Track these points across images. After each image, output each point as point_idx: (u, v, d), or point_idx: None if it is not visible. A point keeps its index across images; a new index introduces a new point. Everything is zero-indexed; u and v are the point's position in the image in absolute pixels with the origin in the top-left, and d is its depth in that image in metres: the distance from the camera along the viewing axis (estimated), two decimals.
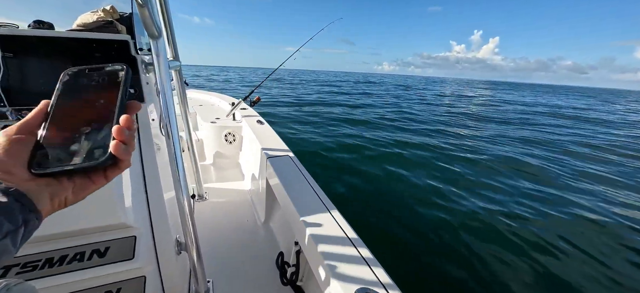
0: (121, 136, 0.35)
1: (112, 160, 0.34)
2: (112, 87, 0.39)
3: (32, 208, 0.31)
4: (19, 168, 0.32)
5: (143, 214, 0.95)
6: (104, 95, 0.38)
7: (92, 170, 0.34)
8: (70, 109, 0.37)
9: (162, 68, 0.93)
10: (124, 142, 0.35)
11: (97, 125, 0.36)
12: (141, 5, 0.78)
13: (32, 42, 0.86)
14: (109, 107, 0.37)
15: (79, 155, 0.34)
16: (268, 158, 1.67)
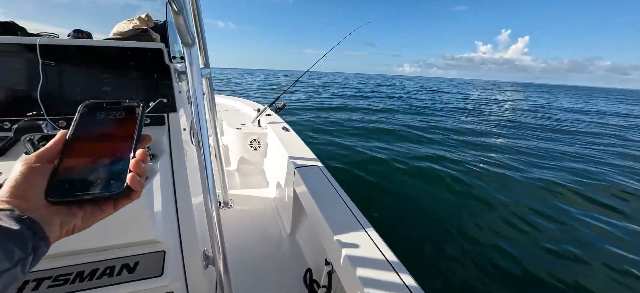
0: (138, 169, 0.37)
1: (127, 192, 0.36)
2: (128, 121, 0.41)
3: (42, 236, 0.31)
4: (35, 196, 0.33)
5: (172, 227, 0.92)
6: (121, 129, 0.40)
7: (106, 200, 0.36)
8: (87, 141, 0.38)
9: (194, 76, 0.90)
10: (139, 174, 0.37)
11: (114, 157, 0.37)
12: (176, 13, 0.75)
13: (70, 50, 0.87)
14: (125, 141, 0.39)
15: (96, 185, 0.35)
16: (296, 168, 1.61)
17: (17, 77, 0.83)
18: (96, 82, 0.89)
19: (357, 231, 1.07)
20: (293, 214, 1.72)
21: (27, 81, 0.83)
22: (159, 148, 0.90)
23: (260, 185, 2.42)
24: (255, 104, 3.53)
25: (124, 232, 0.76)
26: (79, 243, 0.74)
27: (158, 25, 1.04)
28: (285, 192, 1.86)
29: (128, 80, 0.92)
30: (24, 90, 0.83)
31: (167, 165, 0.92)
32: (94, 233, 0.72)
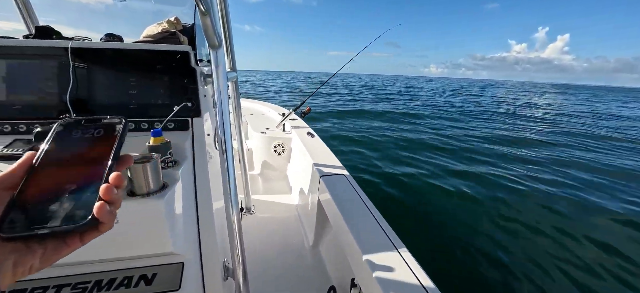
0: (108, 196, 0.32)
1: (93, 223, 0.31)
2: (107, 140, 0.36)
3: None
4: None
5: (192, 238, 0.89)
6: (97, 150, 0.35)
7: (69, 234, 0.31)
8: (57, 163, 0.34)
9: (220, 80, 0.87)
10: (110, 202, 0.32)
11: (84, 182, 0.32)
12: (204, 13, 0.71)
13: (99, 53, 0.87)
14: (100, 163, 0.34)
15: (58, 217, 0.30)
16: (321, 177, 1.53)
17: (49, 79, 0.84)
18: (123, 85, 0.88)
19: (390, 252, 0.96)
20: (316, 225, 1.65)
21: (59, 84, 0.84)
22: (181, 154, 0.87)
23: (284, 191, 2.38)
24: (281, 108, 3.52)
25: (141, 244, 0.73)
26: (96, 254, 0.72)
27: (186, 28, 1.03)
28: (308, 200, 1.79)
29: (154, 83, 0.90)
30: (55, 93, 0.84)
31: (189, 172, 0.89)
32: (111, 243, 0.70)
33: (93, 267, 0.74)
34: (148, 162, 0.66)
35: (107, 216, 0.32)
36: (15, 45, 0.84)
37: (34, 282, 0.71)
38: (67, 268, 0.72)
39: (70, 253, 0.32)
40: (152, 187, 0.68)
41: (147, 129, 0.89)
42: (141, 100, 0.89)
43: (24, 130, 0.81)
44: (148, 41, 0.95)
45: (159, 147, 0.76)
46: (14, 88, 0.82)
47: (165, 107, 0.90)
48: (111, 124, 0.38)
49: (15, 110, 0.82)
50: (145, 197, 0.67)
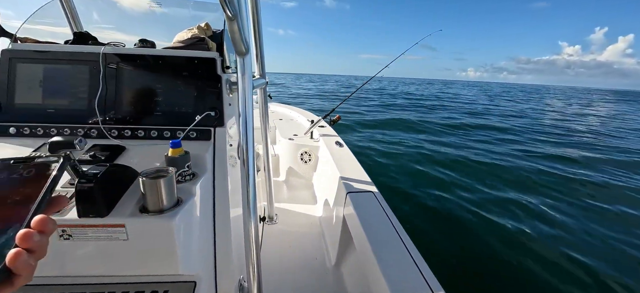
0: (27, 242, 0.28)
1: (5, 275, 0.27)
2: (38, 181, 0.33)
3: None
4: None
5: (208, 255, 0.84)
6: (25, 191, 0.32)
7: None
8: None
9: (246, 88, 0.82)
10: (29, 250, 0.28)
11: (3, 226, 0.29)
12: (230, 19, 0.66)
13: (130, 60, 0.87)
14: (24, 205, 0.31)
15: None
16: (348, 193, 1.43)
17: (82, 85, 0.85)
18: (150, 92, 0.87)
19: (418, 284, 0.84)
20: (340, 243, 1.55)
21: (90, 90, 0.85)
22: (201, 166, 0.83)
23: (308, 200, 2.31)
24: (310, 114, 3.48)
25: (150, 264, 0.69)
26: (109, 269, 0.69)
27: (216, 34, 1.00)
28: (333, 214, 1.70)
29: (179, 91, 0.88)
30: (85, 98, 0.85)
31: (208, 184, 0.84)
32: (121, 259, 0.68)
33: (104, 279, 0.73)
34: (162, 177, 0.62)
35: (22, 266, 0.27)
36: (51, 50, 0.86)
37: (50, 289, 0.71)
38: (78, 278, 0.71)
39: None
40: (165, 204, 0.64)
41: (169, 138, 0.86)
42: (166, 107, 0.87)
43: (54, 134, 0.83)
44: (176, 47, 0.94)
45: (177, 159, 0.72)
46: (49, 92, 0.85)
47: (189, 116, 0.87)
48: (46, 163, 0.35)
49: (49, 114, 0.84)
50: (157, 214, 0.63)
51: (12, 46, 0.88)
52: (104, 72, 0.84)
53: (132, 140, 0.85)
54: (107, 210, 0.62)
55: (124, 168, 0.69)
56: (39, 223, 0.30)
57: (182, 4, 1.24)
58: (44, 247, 0.30)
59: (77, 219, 0.61)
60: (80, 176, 0.61)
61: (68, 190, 0.67)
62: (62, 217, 0.61)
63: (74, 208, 0.62)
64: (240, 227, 1.01)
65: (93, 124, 0.84)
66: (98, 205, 0.60)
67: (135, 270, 0.70)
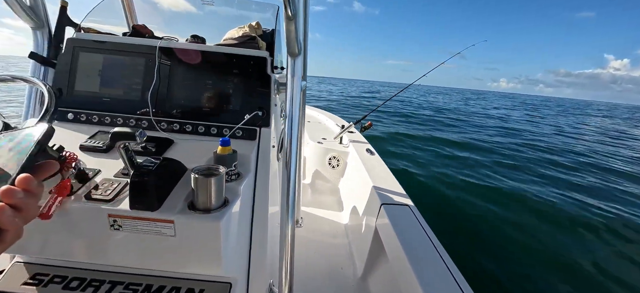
0: (8, 198, 0.30)
1: None
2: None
3: None
4: None
5: (243, 258, 0.83)
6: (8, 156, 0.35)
7: None
8: None
9: (295, 89, 0.80)
10: (13, 206, 0.30)
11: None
12: (290, 18, 0.64)
13: (183, 54, 0.87)
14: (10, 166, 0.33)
15: None
16: (383, 204, 1.37)
17: (136, 76, 0.87)
18: (200, 87, 0.87)
19: None
20: (369, 254, 1.48)
21: (144, 81, 0.86)
22: (245, 166, 0.81)
23: (333, 207, 2.26)
24: (339, 119, 3.44)
25: (193, 262, 0.68)
26: (150, 263, 0.69)
27: (266, 34, 1.00)
28: (362, 224, 1.64)
29: (228, 88, 0.88)
30: (139, 90, 0.86)
31: (250, 186, 0.83)
32: (164, 255, 0.68)
33: (144, 271, 0.73)
34: (213, 176, 0.60)
35: (6, 220, 0.29)
36: (110, 41, 0.89)
37: (94, 274, 0.72)
38: (121, 268, 0.73)
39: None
40: (213, 203, 0.62)
41: (216, 135, 0.86)
42: (214, 104, 0.87)
43: (108, 122, 0.86)
44: (228, 44, 0.94)
45: (225, 157, 0.71)
46: (105, 81, 0.87)
47: (236, 114, 0.86)
48: (29, 133, 0.38)
49: (104, 102, 0.86)
50: (205, 213, 0.62)
51: (76, 35, 0.92)
52: (158, 65, 0.85)
53: (180, 134, 0.86)
54: (158, 204, 0.61)
55: (174, 162, 0.69)
56: (22, 182, 0.31)
57: (230, 2, 1.26)
58: (30, 207, 0.32)
59: (129, 211, 0.61)
60: (136, 168, 0.61)
61: (121, 180, 0.68)
62: (114, 207, 0.61)
63: (126, 200, 0.62)
64: (273, 229, 0.99)
65: (144, 115, 0.86)
66: (150, 198, 0.60)
67: (177, 267, 0.70)
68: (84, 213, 0.62)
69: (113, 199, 0.63)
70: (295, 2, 0.64)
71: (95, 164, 0.73)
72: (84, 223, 0.63)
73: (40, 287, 0.69)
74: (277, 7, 1.13)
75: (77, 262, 0.73)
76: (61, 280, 0.71)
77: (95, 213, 0.62)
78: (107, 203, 0.62)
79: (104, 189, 0.65)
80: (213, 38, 1.00)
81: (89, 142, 0.77)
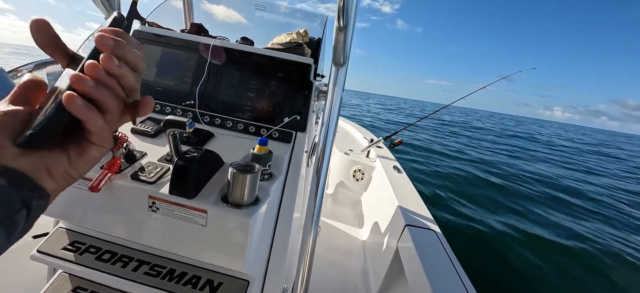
0: (79, 84, 0.28)
1: (62, 116, 0.28)
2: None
3: (32, 186, 0.28)
4: (9, 143, 0.28)
5: (263, 258, 0.84)
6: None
7: (49, 132, 0.29)
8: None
9: (335, 98, 0.81)
10: (83, 93, 0.28)
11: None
12: (340, 29, 0.66)
13: (234, 54, 0.92)
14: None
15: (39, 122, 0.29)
16: (407, 225, 1.32)
17: (188, 70, 0.93)
18: (245, 87, 0.91)
19: None
20: (387, 275, 1.43)
21: (194, 76, 0.92)
22: (278, 168, 0.83)
23: (353, 221, 2.22)
24: (368, 133, 3.40)
25: (218, 255, 0.70)
26: (176, 247, 0.72)
27: (312, 41, 1.02)
28: (383, 243, 1.59)
29: (271, 90, 0.91)
30: (189, 83, 0.92)
31: (279, 188, 0.84)
32: (192, 242, 0.71)
33: (170, 255, 0.77)
34: (249, 173, 0.62)
35: (77, 108, 0.27)
36: (169, 35, 0.97)
37: (125, 250, 0.77)
38: (149, 249, 0.77)
39: (93, 160, 0.33)
40: (245, 199, 0.64)
41: (254, 133, 0.89)
42: (256, 104, 0.90)
43: (158, 110, 0.92)
44: (276, 48, 0.98)
45: (261, 156, 0.73)
46: (161, 72, 0.94)
47: (275, 115, 0.89)
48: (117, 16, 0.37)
49: (157, 91, 0.93)
50: (237, 208, 0.63)
51: (141, 28, 1.01)
52: (209, 61, 0.91)
53: (220, 129, 0.90)
54: (195, 192, 0.64)
55: (214, 155, 0.72)
56: (91, 68, 0.28)
57: (281, 10, 1.31)
58: (101, 93, 0.29)
59: (168, 195, 0.64)
60: (180, 155, 0.65)
61: (163, 165, 0.72)
62: (155, 189, 0.65)
63: (166, 184, 0.66)
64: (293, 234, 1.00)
65: (189, 106, 0.91)
66: (189, 186, 0.63)
67: (202, 256, 0.72)
68: (127, 191, 0.67)
69: (155, 182, 0.67)
70: (348, 13, 0.65)
71: (142, 147, 0.78)
72: (126, 201, 0.68)
73: (77, 254, 0.75)
74: (325, 17, 1.16)
75: (112, 236, 0.79)
76: (95, 251, 0.76)
77: (137, 192, 0.66)
78: (150, 185, 0.66)
79: (148, 172, 0.69)
80: (261, 41, 1.05)
81: (139, 126, 0.83)
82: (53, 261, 0.73)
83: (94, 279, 0.74)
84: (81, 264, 0.73)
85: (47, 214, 0.75)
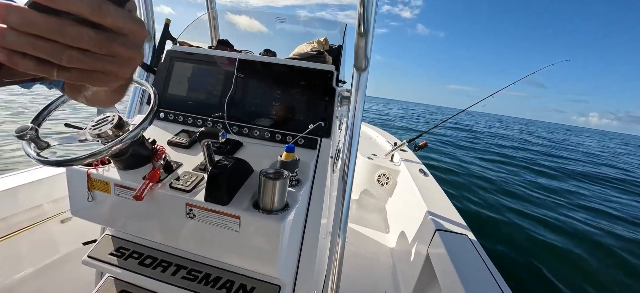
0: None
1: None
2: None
3: None
4: None
5: (292, 264, 0.85)
6: None
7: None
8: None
9: (358, 103, 0.81)
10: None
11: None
12: (361, 35, 0.67)
13: (258, 66, 0.96)
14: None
15: None
16: (437, 230, 1.27)
17: (217, 84, 0.98)
18: (270, 96, 0.95)
19: None
20: (418, 282, 1.38)
21: (222, 89, 0.97)
22: (305, 174, 0.84)
23: (378, 226, 2.18)
24: (391, 137, 3.35)
25: (251, 259, 0.72)
26: (212, 252, 0.76)
27: (332, 49, 1.04)
28: (412, 250, 1.54)
29: (295, 98, 0.94)
30: (218, 96, 0.97)
31: (306, 194, 0.85)
32: (227, 248, 0.74)
33: (205, 260, 0.81)
34: (279, 179, 0.64)
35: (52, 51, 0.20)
36: (199, 53, 1.03)
37: (164, 255, 0.82)
38: (186, 254, 0.81)
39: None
40: (276, 205, 0.66)
41: (280, 141, 0.91)
42: (281, 112, 0.93)
43: (190, 122, 0.98)
44: (297, 58, 1.00)
45: (289, 163, 0.75)
46: (192, 87, 1.01)
47: (300, 123, 0.91)
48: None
49: (189, 105, 0.99)
50: (268, 213, 0.65)
51: (173, 48, 1.08)
52: (236, 75, 0.95)
53: (248, 138, 0.93)
54: (228, 199, 0.67)
55: (244, 163, 0.75)
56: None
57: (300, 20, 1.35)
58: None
59: (203, 202, 0.68)
60: (214, 164, 0.68)
61: (198, 174, 0.76)
62: (191, 197, 0.69)
63: (202, 192, 0.70)
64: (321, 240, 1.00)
65: (218, 118, 0.96)
66: (222, 193, 0.66)
67: (235, 261, 0.74)
68: (167, 199, 0.71)
69: (191, 190, 0.71)
70: (368, 19, 0.66)
71: (178, 158, 0.84)
72: (166, 209, 0.73)
73: (122, 259, 0.81)
74: (345, 24, 1.18)
75: (152, 241, 0.84)
76: (138, 256, 0.82)
77: (176, 201, 0.70)
78: (186, 194, 0.70)
79: (185, 180, 0.73)
80: (283, 52, 1.08)
81: (175, 138, 0.89)
82: (101, 266, 0.80)
83: (137, 283, 0.79)
84: (126, 269, 0.79)
85: (95, 221, 0.82)
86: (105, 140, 0.64)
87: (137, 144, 0.71)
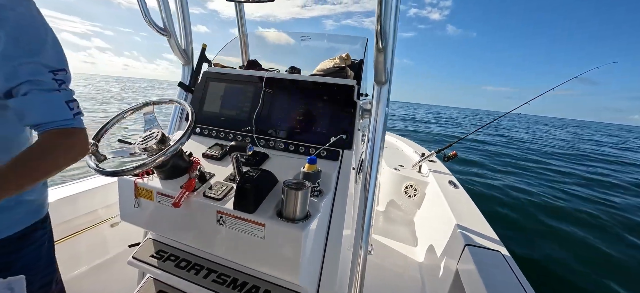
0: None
1: None
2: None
3: None
4: None
5: (315, 273, 0.87)
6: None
7: None
8: None
9: (379, 116, 0.83)
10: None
11: None
12: (380, 50, 0.69)
13: (283, 83, 1.03)
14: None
15: None
16: (467, 245, 1.22)
17: (247, 101, 1.06)
18: (294, 111, 1.00)
19: None
20: None
21: (251, 105, 1.04)
22: (327, 185, 0.87)
23: (406, 239, 2.11)
24: (419, 147, 3.26)
25: (275, 266, 0.76)
26: (239, 257, 0.81)
27: (354, 64, 1.07)
28: (441, 265, 1.48)
29: (318, 112, 0.98)
30: (247, 112, 1.05)
31: (328, 205, 0.88)
32: (253, 254, 0.78)
33: (232, 265, 0.86)
34: (300, 190, 0.67)
35: None
36: (230, 73, 1.12)
37: (197, 259, 0.89)
38: (216, 258, 0.87)
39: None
40: (298, 214, 0.69)
41: (303, 153, 0.96)
42: (304, 126, 0.98)
43: (222, 136, 1.06)
44: (320, 74, 1.05)
45: (311, 174, 0.78)
46: (224, 104, 1.10)
47: (323, 135, 0.94)
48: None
49: (221, 121, 1.08)
50: (290, 222, 0.69)
51: (208, 69, 1.19)
52: (263, 92, 1.02)
53: (274, 150, 0.99)
54: (255, 208, 0.72)
55: (269, 174, 0.80)
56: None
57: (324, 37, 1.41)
58: None
59: (232, 210, 0.73)
60: (242, 175, 0.74)
61: (228, 184, 0.83)
62: (222, 205, 0.75)
63: (231, 201, 0.76)
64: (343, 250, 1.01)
65: (247, 132, 1.04)
66: (249, 202, 0.71)
67: (260, 266, 0.79)
68: (201, 207, 0.78)
69: (222, 199, 0.77)
70: (386, 35, 0.68)
71: (211, 169, 0.91)
72: (199, 216, 0.80)
73: (160, 261, 0.89)
74: (366, 39, 1.21)
75: (187, 246, 0.92)
76: (175, 259, 0.90)
77: (208, 208, 0.77)
78: (217, 202, 0.76)
79: (217, 190, 0.80)
80: (307, 68, 1.14)
81: (208, 151, 0.98)
82: (143, 267, 0.89)
83: (175, 285, 0.87)
84: (164, 270, 0.87)
85: (139, 225, 0.92)
86: (151, 154, 0.73)
87: (177, 157, 0.79)
